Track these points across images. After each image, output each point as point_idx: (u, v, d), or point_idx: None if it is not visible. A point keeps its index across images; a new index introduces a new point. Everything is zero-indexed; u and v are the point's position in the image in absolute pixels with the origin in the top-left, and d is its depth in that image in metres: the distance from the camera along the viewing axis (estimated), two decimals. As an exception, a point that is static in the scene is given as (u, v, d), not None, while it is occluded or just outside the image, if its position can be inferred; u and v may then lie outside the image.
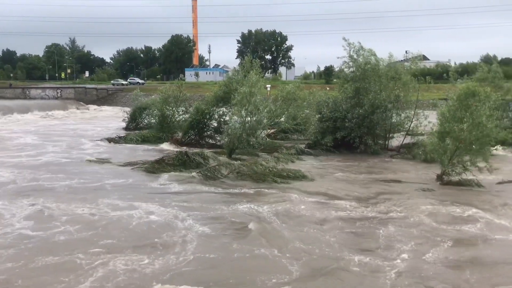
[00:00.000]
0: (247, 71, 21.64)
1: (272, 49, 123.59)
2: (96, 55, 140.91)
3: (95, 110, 57.07)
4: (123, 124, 32.39)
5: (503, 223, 10.71)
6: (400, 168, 17.97)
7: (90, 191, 13.30)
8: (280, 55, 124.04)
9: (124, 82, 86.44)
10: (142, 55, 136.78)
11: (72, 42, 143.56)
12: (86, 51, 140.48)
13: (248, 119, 18.86)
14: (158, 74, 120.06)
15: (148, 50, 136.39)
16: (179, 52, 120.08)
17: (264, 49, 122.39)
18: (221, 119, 23.37)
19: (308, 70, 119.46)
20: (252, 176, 14.91)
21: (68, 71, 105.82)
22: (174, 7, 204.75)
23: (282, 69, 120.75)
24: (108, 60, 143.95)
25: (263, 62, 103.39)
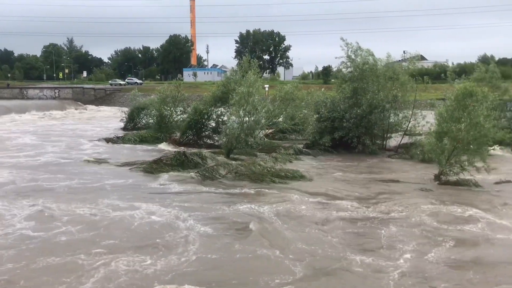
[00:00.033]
0: (245, 71, 21.62)
1: (270, 49, 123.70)
2: (94, 55, 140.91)
3: (93, 110, 57.05)
4: (121, 124, 32.34)
5: (504, 223, 10.72)
6: (398, 168, 18.00)
7: (90, 192, 13.28)
8: (278, 55, 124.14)
9: (122, 82, 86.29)
10: (140, 55, 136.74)
11: (70, 42, 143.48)
12: (84, 51, 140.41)
13: (246, 119, 18.86)
14: (156, 74, 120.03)
15: (146, 50, 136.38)
16: (177, 52, 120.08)
17: (262, 49, 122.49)
18: (219, 119, 23.35)
19: (306, 70, 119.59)
20: (250, 176, 14.90)
21: (66, 71, 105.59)
22: (172, 7, 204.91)
23: (280, 69, 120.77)
24: (106, 60, 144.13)
25: (261, 62, 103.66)
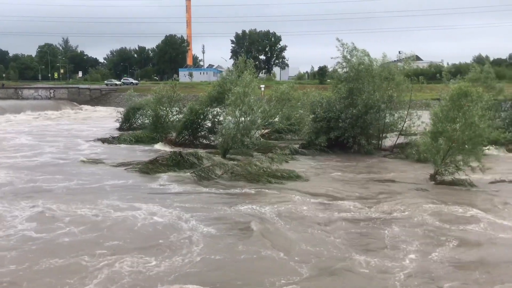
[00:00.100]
0: (241, 71, 21.63)
1: (266, 49, 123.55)
2: (89, 55, 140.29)
3: (88, 110, 56.81)
4: (117, 125, 32.26)
5: (506, 223, 10.76)
6: (394, 168, 18.06)
7: (89, 192, 13.23)
8: (274, 55, 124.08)
9: (117, 82, 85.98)
10: (135, 55, 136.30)
11: (65, 42, 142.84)
12: (79, 51, 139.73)
13: (242, 119, 18.86)
14: (152, 74, 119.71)
15: (141, 50, 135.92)
16: (173, 52, 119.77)
17: (258, 49, 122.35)
18: (215, 119, 23.34)
19: (302, 71, 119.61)
20: (246, 176, 14.90)
21: (61, 71, 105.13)
22: (168, 7, 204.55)
23: (276, 69, 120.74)
24: (101, 60, 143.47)
25: (257, 62, 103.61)
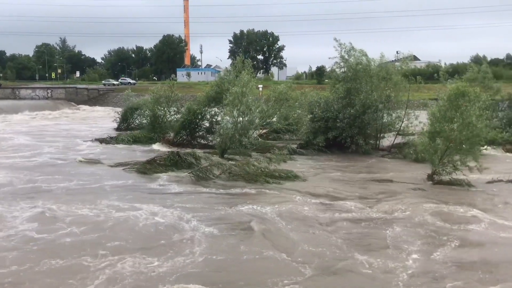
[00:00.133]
0: (239, 71, 21.62)
1: (264, 49, 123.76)
2: (87, 55, 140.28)
3: (86, 110, 56.66)
4: (115, 125, 32.21)
5: (506, 223, 10.76)
6: (392, 168, 18.07)
7: (89, 193, 13.17)
8: (272, 55, 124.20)
9: (115, 82, 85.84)
10: (133, 55, 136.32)
11: (63, 42, 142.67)
12: (77, 51, 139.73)
13: (240, 119, 18.85)
14: (150, 74, 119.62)
15: (139, 50, 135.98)
16: (170, 52, 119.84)
17: (256, 49, 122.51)
18: (213, 119, 23.31)
19: (300, 70, 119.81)
20: (244, 176, 14.88)
21: (59, 71, 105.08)
22: (165, 7, 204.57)
23: (274, 69, 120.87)
24: (99, 60, 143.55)
25: (255, 62, 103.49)
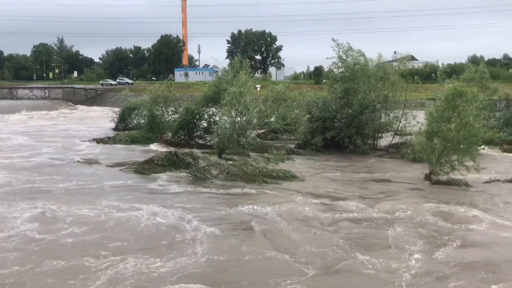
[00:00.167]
0: (236, 71, 21.62)
1: (262, 49, 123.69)
2: (84, 55, 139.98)
3: (84, 110, 56.55)
4: (113, 125, 32.16)
5: (506, 222, 10.78)
6: (389, 168, 18.10)
7: (89, 193, 13.14)
8: (270, 55, 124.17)
9: (113, 82, 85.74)
10: (131, 55, 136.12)
11: (60, 41, 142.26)
12: (74, 51, 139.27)
13: (238, 119, 18.84)
14: (148, 74, 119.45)
15: (137, 50, 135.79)
16: (168, 52, 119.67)
17: (254, 49, 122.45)
18: (211, 119, 23.30)
19: (298, 71, 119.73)
20: (242, 176, 14.88)
21: (56, 71, 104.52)
22: (163, 7, 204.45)
23: (272, 69, 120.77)
24: (97, 60, 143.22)
25: (253, 62, 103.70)
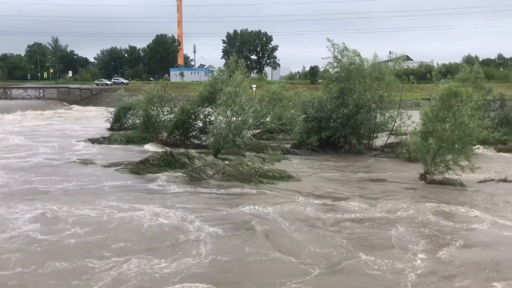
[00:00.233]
0: (232, 71, 21.61)
1: (258, 49, 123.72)
2: (79, 55, 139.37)
3: (79, 110, 56.30)
4: (108, 125, 32.08)
5: (507, 222, 10.81)
6: (385, 168, 18.16)
7: (88, 193, 13.07)
8: (266, 55, 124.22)
9: (108, 82, 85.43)
10: (126, 55, 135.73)
11: (55, 41, 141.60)
12: (69, 51, 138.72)
13: (234, 119, 18.84)
14: (143, 74, 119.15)
15: (132, 50, 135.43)
16: (164, 52, 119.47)
17: (250, 49, 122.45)
18: (206, 119, 23.28)
19: (294, 70, 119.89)
20: (238, 176, 14.86)
21: (51, 71, 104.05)
22: (159, 7, 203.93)
23: (268, 69, 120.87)
24: (92, 60, 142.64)
25: (248, 62, 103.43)
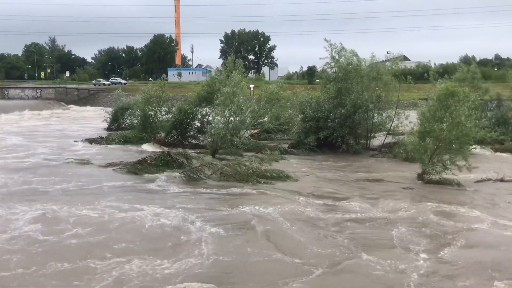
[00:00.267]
0: (230, 71, 21.60)
1: (255, 49, 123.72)
2: (77, 55, 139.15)
3: (76, 110, 56.17)
4: (105, 125, 32.03)
5: (507, 222, 10.81)
6: (382, 167, 18.16)
7: (88, 194, 13.04)
8: (263, 55, 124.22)
9: (106, 82, 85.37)
10: (124, 55, 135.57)
11: (52, 41, 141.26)
12: (66, 51, 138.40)
13: (232, 119, 18.84)
14: (141, 74, 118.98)
15: (130, 50, 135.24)
16: (161, 52, 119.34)
17: (247, 49, 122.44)
18: (204, 119, 23.25)
19: (291, 71, 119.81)
20: (236, 176, 14.85)
21: (48, 70, 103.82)
22: (156, 7, 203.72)
23: (265, 69, 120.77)
24: (89, 60, 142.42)
25: (246, 62, 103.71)
